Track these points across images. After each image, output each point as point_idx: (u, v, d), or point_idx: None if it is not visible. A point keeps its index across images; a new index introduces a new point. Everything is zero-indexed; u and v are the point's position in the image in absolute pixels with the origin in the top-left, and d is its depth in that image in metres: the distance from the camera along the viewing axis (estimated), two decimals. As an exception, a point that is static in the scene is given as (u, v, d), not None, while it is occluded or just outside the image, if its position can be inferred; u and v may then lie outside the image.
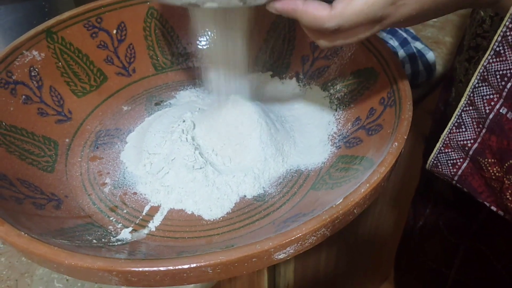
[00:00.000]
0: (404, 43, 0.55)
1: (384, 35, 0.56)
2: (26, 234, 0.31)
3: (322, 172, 0.44)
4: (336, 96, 0.50)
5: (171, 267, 0.29)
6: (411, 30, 0.58)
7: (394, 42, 0.55)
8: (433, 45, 0.63)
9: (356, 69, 0.49)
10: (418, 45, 0.56)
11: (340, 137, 0.47)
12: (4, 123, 0.43)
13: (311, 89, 0.53)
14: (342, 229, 0.33)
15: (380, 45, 0.46)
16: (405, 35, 0.56)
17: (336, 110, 0.49)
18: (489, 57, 0.30)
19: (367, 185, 0.33)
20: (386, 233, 0.94)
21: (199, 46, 0.58)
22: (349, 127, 0.46)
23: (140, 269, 0.28)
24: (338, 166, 0.43)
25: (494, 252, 0.43)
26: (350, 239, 0.83)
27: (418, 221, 0.53)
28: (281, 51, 0.56)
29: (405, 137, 0.37)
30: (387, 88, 0.43)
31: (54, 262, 0.29)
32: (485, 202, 0.34)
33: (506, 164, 0.31)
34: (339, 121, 0.48)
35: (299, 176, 0.45)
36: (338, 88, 0.51)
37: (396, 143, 0.36)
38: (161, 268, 0.29)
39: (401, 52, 0.55)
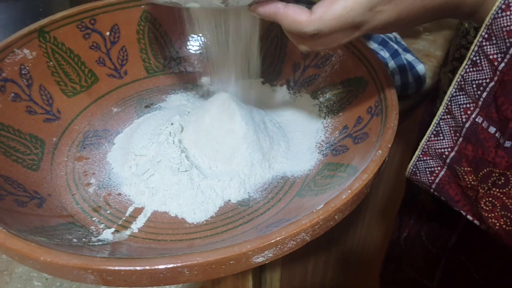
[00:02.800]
0: (394, 54, 0.55)
1: (375, 46, 0.56)
2: (3, 229, 0.31)
3: (308, 179, 0.44)
4: (325, 105, 0.50)
5: (147, 267, 0.28)
6: (402, 42, 0.59)
7: (385, 53, 0.56)
8: (424, 58, 0.64)
9: (346, 78, 0.49)
10: (408, 57, 0.56)
11: (328, 144, 0.47)
12: (-10, 120, 0.43)
13: (301, 96, 0.53)
14: (329, 239, 0.33)
15: (370, 54, 0.46)
16: (396, 46, 0.56)
17: (324, 118, 0.50)
18: (466, 66, 0.30)
19: (349, 191, 0.33)
20: (374, 247, 0.94)
21: (191, 51, 0.59)
22: (337, 135, 0.47)
23: (116, 268, 0.28)
24: (324, 173, 0.43)
25: (474, 263, 0.43)
26: (338, 252, 0.83)
27: (403, 232, 0.53)
28: (273, 58, 0.56)
29: (389, 145, 0.37)
30: (375, 97, 0.43)
31: (30, 258, 0.29)
32: (462, 211, 0.34)
33: (481, 173, 0.31)
34: (327, 129, 0.48)
35: (285, 182, 0.44)
36: (327, 96, 0.51)
37: (380, 151, 0.36)
38: (137, 268, 0.28)
39: (391, 63, 0.55)
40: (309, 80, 0.54)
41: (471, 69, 0.30)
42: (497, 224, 0.31)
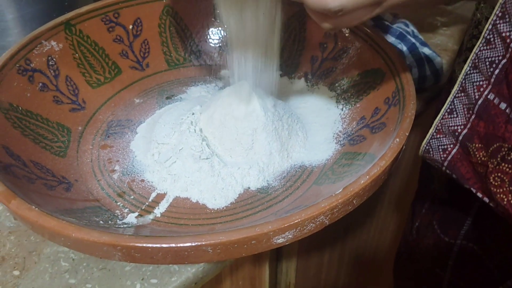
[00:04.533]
0: (412, 48, 0.56)
1: (392, 40, 0.57)
2: (36, 208, 0.32)
3: (325, 168, 0.45)
4: (343, 96, 0.51)
5: (173, 245, 0.30)
6: (420, 36, 0.59)
7: (402, 47, 0.56)
8: (442, 52, 0.64)
9: (363, 69, 0.50)
10: (426, 50, 0.56)
11: (345, 135, 0.47)
12: (20, 108, 0.45)
13: (318, 89, 0.54)
14: (345, 232, 0.33)
15: (387, 46, 0.47)
16: (413, 40, 0.57)
17: (342, 110, 0.50)
18: (481, 45, 0.31)
19: (367, 176, 0.34)
20: (389, 241, 0.94)
21: (211, 45, 0.60)
22: (354, 126, 0.47)
23: (144, 245, 0.30)
24: (341, 162, 0.44)
25: (486, 251, 0.44)
26: (352, 246, 0.83)
27: (415, 222, 0.54)
28: (291, 51, 0.57)
29: (407, 133, 0.38)
30: (392, 88, 0.44)
31: (62, 236, 0.31)
32: (472, 188, 0.35)
33: (491, 148, 0.32)
34: (345, 120, 0.49)
35: (303, 171, 0.45)
36: (345, 88, 0.52)
37: (397, 139, 0.37)
38: (164, 245, 0.30)
39: (409, 57, 0.56)
40: (326, 73, 0.55)
41: (485, 47, 0.31)
42: (505, 199, 0.32)
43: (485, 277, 0.45)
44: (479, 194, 0.34)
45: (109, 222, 0.39)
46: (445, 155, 0.36)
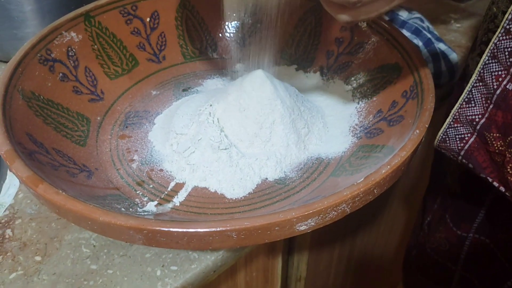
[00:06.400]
0: (428, 43, 0.56)
1: (408, 35, 0.57)
2: (63, 193, 0.33)
3: (342, 160, 0.45)
4: (359, 90, 0.52)
5: (199, 229, 0.30)
6: (435, 32, 0.60)
7: (418, 42, 0.57)
8: (456, 48, 0.64)
9: (380, 64, 0.50)
10: (441, 46, 0.57)
11: (361, 128, 0.48)
12: (42, 97, 0.45)
13: (334, 83, 0.55)
14: (355, 229, 0.33)
15: (404, 41, 0.48)
16: (429, 36, 0.57)
17: (358, 103, 0.51)
18: (500, 34, 0.31)
19: (388, 166, 0.34)
20: (399, 240, 0.95)
21: (227, 38, 0.60)
22: (371, 119, 0.48)
23: (170, 229, 0.30)
24: (358, 154, 0.44)
25: (498, 245, 0.44)
26: (362, 244, 0.84)
27: (426, 217, 0.54)
28: (307, 45, 0.58)
29: (427, 125, 0.38)
30: (410, 82, 0.45)
31: (89, 219, 0.31)
32: (488, 178, 0.35)
33: (509, 138, 0.32)
34: (361, 114, 0.50)
35: (320, 163, 0.46)
36: (361, 82, 0.52)
37: (417, 131, 0.37)
38: (190, 230, 0.30)
39: (424, 52, 0.56)
40: (342, 67, 0.55)
41: (504, 37, 0.31)
42: None
43: (496, 271, 0.45)
44: (496, 183, 0.35)
45: (130, 209, 0.39)
46: (462, 144, 0.36)
